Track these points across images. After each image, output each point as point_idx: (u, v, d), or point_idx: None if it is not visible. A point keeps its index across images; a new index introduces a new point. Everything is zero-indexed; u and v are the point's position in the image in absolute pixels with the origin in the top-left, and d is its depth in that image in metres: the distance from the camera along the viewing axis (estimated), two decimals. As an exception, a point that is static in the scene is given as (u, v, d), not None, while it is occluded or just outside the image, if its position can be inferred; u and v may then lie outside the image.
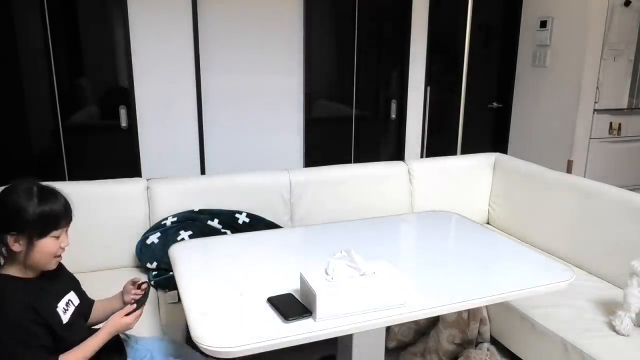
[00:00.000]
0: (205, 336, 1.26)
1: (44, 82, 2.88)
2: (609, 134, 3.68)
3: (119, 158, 3.11)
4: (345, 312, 1.34)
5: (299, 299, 1.41)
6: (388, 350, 2.11)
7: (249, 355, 1.25)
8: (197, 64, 3.12)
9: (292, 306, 1.37)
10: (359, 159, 3.68)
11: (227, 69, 3.21)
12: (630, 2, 3.46)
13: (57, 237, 1.35)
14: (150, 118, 3.10)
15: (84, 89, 3.02)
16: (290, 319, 1.32)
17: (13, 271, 1.33)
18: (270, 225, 2.39)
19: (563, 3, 3.55)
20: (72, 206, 1.42)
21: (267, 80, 3.33)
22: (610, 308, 1.92)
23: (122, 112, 3.05)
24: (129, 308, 1.43)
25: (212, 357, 1.28)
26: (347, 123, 3.64)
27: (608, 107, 3.62)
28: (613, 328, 1.81)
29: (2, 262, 1.34)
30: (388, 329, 2.24)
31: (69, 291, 1.44)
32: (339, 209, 2.57)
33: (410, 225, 2.24)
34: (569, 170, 3.57)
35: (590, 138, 3.63)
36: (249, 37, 3.22)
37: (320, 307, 1.31)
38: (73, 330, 1.38)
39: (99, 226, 2.18)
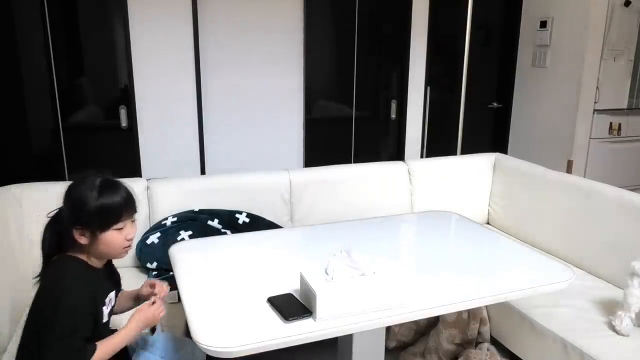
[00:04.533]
0: (205, 336, 1.26)
1: (44, 82, 2.88)
2: (609, 134, 3.69)
3: (119, 158, 3.11)
4: (345, 312, 1.34)
5: (299, 299, 1.41)
6: (388, 350, 2.10)
7: (249, 355, 1.25)
8: (197, 64, 3.12)
9: (292, 306, 1.37)
10: (359, 159, 3.68)
11: (227, 69, 3.21)
12: (630, 2, 3.46)
13: (121, 229, 1.35)
14: (150, 118, 3.10)
15: (84, 89, 3.02)
16: (290, 319, 1.32)
17: (82, 257, 1.36)
18: (270, 225, 2.39)
19: (563, 3, 3.55)
20: (136, 199, 1.40)
21: (267, 80, 3.33)
22: (610, 308, 1.92)
23: (122, 112, 3.05)
24: (154, 299, 1.46)
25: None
26: (347, 123, 3.64)
27: (608, 107, 3.62)
28: (613, 328, 1.81)
29: (70, 244, 1.36)
30: (388, 329, 2.24)
31: (112, 290, 1.45)
32: (339, 209, 2.57)
33: (410, 225, 2.24)
34: (569, 170, 3.57)
35: (590, 138, 3.63)
36: (249, 37, 3.22)
37: (320, 307, 1.31)
38: (107, 329, 1.42)
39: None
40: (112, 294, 1.44)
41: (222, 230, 2.26)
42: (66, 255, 1.35)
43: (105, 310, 1.39)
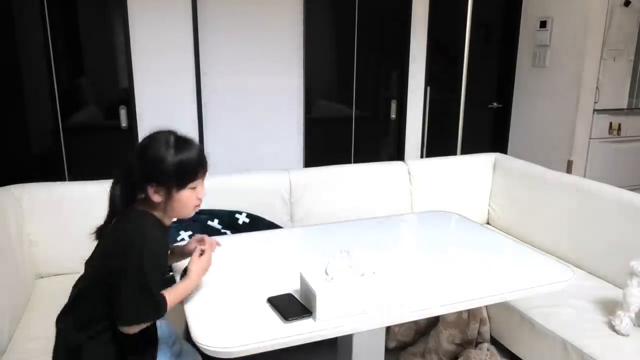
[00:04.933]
0: (205, 336, 1.26)
1: (44, 82, 2.87)
2: (609, 134, 3.68)
3: (119, 158, 3.10)
4: (345, 312, 1.34)
5: (299, 299, 1.41)
6: (388, 350, 2.10)
7: (249, 355, 1.25)
8: (197, 64, 3.12)
9: (292, 306, 1.37)
10: (359, 159, 3.68)
11: (227, 69, 3.21)
12: (630, 2, 3.46)
13: (194, 188, 1.35)
14: (150, 118, 3.09)
15: (84, 89, 3.02)
16: (290, 319, 1.32)
17: (155, 213, 1.36)
18: (270, 225, 2.39)
19: (563, 3, 3.55)
20: (206, 157, 1.39)
21: (267, 80, 3.33)
22: (610, 308, 1.92)
23: (122, 112, 3.05)
24: (203, 248, 1.48)
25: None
26: (347, 123, 3.64)
27: (608, 107, 3.62)
28: (613, 328, 1.81)
29: (141, 197, 1.36)
30: (388, 329, 2.24)
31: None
32: (339, 209, 2.57)
33: (410, 225, 2.24)
34: (569, 170, 3.57)
35: (590, 138, 3.63)
36: (249, 37, 3.22)
37: (320, 307, 1.31)
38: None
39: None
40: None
41: (222, 231, 2.26)
42: (140, 209, 1.34)
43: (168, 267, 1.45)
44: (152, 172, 1.30)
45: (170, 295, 1.34)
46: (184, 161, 1.30)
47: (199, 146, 1.36)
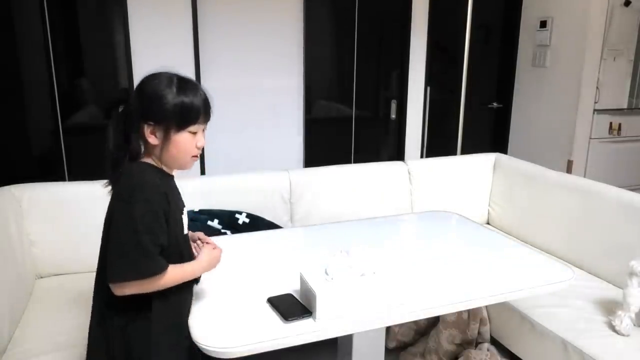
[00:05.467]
0: (205, 336, 1.26)
1: (44, 83, 2.87)
2: (609, 134, 3.68)
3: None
4: (345, 312, 1.34)
5: (299, 299, 1.41)
6: (388, 350, 2.10)
7: (249, 355, 1.25)
8: (197, 64, 3.12)
9: (292, 306, 1.37)
10: (359, 159, 3.68)
11: (227, 69, 3.21)
12: (630, 2, 3.46)
13: (194, 134, 1.26)
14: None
15: (83, 89, 3.02)
16: (290, 319, 1.32)
17: (151, 161, 1.29)
18: (270, 225, 2.39)
19: (563, 3, 3.55)
20: (211, 103, 1.30)
21: (267, 80, 3.33)
22: (610, 308, 1.92)
23: (122, 112, 3.04)
24: (213, 244, 1.42)
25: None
26: (347, 123, 3.64)
27: (608, 107, 3.62)
28: (613, 328, 1.81)
29: (142, 151, 1.28)
30: (388, 329, 2.24)
31: (184, 207, 1.37)
32: (339, 209, 2.57)
33: (410, 225, 2.24)
34: (569, 170, 3.57)
35: (590, 138, 3.63)
36: (249, 37, 3.22)
37: (320, 307, 1.31)
38: (187, 246, 1.36)
39: (99, 226, 2.16)
40: (185, 210, 1.36)
41: (222, 231, 2.26)
42: (139, 161, 1.27)
43: (185, 219, 1.33)
44: (150, 109, 1.22)
45: (174, 270, 1.24)
46: (185, 102, 1.22)
47: (205, 92, 1.28)
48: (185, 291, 1.35)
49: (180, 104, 1.22)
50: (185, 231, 1.35)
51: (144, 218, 1.18)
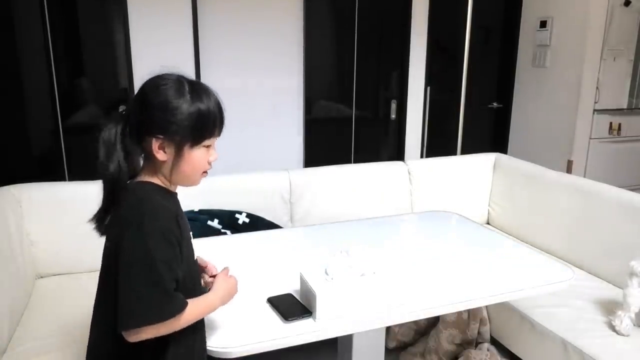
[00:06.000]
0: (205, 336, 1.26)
1: (44, 83, 2.87)
2: (609, 134, 3.68)
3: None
4: (345, 312, 1.34)
5: (299, 299, 1.41)
6: (388, 350, 2.11)
7: (249, 355, 1.25)
8: (197, 64, 3.12)
9: (292, 306, 1.37)
10: (359, 159, 3.68)
11: (228, 69, 3.21)
12: (630, 2, 3.46)
13: (208, 147, 1.11)
14: (150, 118, 3.09)
15: (83, 90, 3.02)
16: (290, 319, 1.32)
17: (155, 180, 1.09)
18: (270, 225, 2.39)
19: (563, 3, 3.55)
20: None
21: (267, 80, 3.33)
22: (610, 308, 1.92)
23: (122, 112, 3.04)
24: (226, 270, 1.25)
25: None
26: (347, 123, 3.64)
27: (608, 107, 3.62)
28: (613, 328, 1.81)
29: (140, 167, 1.11)
30: (388, 329, 2.24)
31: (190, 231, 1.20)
32: (339, 209, 2.57)
33: (410, 225, 2.24)
34: (569, 170, 3.57)
35: (590, 138, 3.63)
36: (249, 37, 3.22)
37: (320, 307, 1.31)
38: (198, 273, 1.20)
39: (99, 226, 2.18)
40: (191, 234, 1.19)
41: (222, 231, 2.26)
42: (140, 180, 1.09)
43: (194, 246, 1.16)
44: (159, 121, 1.03)
45: (193, 304, 1.07)
46: (202, 111, 1.05)
47: (216, 95, 1.13)
48: (200, 327, 1.19)
49: (197, 113, 1.05)
50: (196, 256, 1.22)
51: (159, 250, 1.01)
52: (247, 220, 2.34)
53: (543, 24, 3.68)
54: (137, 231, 1.00)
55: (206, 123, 1.08)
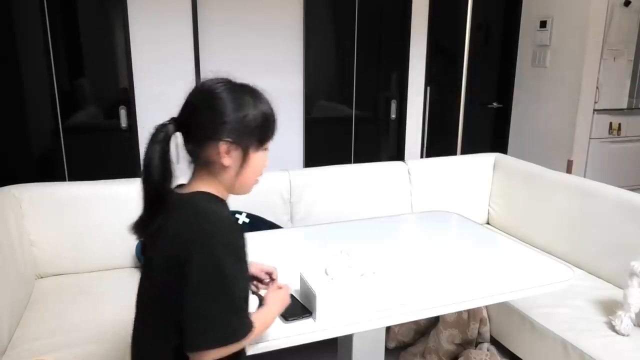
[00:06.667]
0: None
1: (44, 82, 2.87)
2: (609, 134, 3.68)
3: (119, 158, 3.11)
4: (345, 312, 1.34)
5: (299, 299, 1.41)
6: (388, 350, 2.10)
7: (249, 355, 1.25)
8: (197, 64, 3.12)
9: (292, 306, 1.37)
10: (359, 159, 3.68)
11: (227, 70, 3.19)
12: (630, 2, 3.46)
13: (266, 151, 1.08)
14: (150, 118, 3.08)
15: (84, 89, 3.02)
16: (290, 319, 1.32)
17: (211, 190, 1.03)
18: (270, 225, 2.39)
19: (563, 3, 3.55)
20: None
21: (267, 80, 3.29)
22: (610, 308, 1.92)
23: (122, 112, 3.04)
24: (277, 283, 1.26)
25: None
26: (347, 123, 3.64)
27: (608, 107, 3.62)
28: (613, 328, 1.81)
29: (191, 176, 1.06)
30: (388, 329, 2.24)
31: None
32: (339, 209, 2.57)
33: (410, 225, 2.24)
34: (569, 170, 3.57)
35: (590, 138, 3.63)
36: (249, 37, 3.22)
37: (320, 307, 1.31)
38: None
39: (99, 226, 2.18)
40: None
41: (222, 231, 2.26)
42: (196, 191, 1.03)
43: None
44: (229, 124, 0.99)
45: (257, 321, 1.02)
46: (265, 112, 1.04)
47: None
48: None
49: (261, 115, 1.03)
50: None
51: (230, 267, 0.95)
52: (247, 220, 2.34)
53: (543, 24, 3.68)
54: (205, 247, 0.94)
55: (269, 124, 1.06)
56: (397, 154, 3.84)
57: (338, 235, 2.01)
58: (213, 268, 0.93)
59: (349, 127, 3.65)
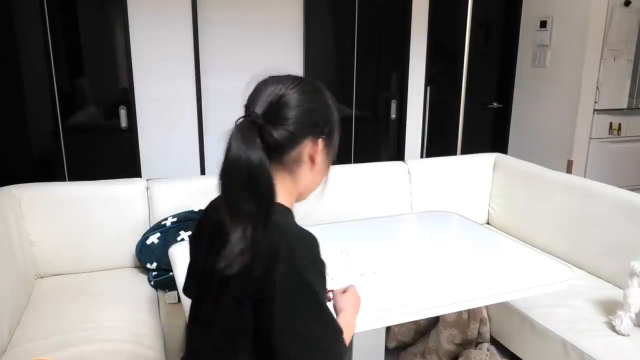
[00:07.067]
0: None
1: (44, 83, 2.87)
2: (609, 134, 3.68)
3: (119, 158, 3.11)
4: (345, 312, 1.34)
5: (299, 299, 1.41)
6: (388, 350, 2.10)
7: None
8: (197, 64, 3.12)
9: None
10: (359, 159, 3.68)
11: (227, 69, 3.21)
12: (630, 2, 3.46)
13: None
14: (150, 118, 3.09)
15: (84, 89, 3.02)
16: (290, 319, 1.31)
17: (281, 199, 0.94)
18: (270, 225, 2.38)
19: (563, 3, 3.55)
20: None
21: (267, 80, 3.32)
22: (610, 308, 1.92)
23: (122, 112, 3.05)
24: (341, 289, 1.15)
25: None
26: (347, 123, 3.64)
27: (608, 107, 3.62)
28: (613, 328, 1.81)
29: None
30: (388, 329, 2.24)
31: None
32: (339, 209, 2.56)
33: (410, 225, 2.24)
34: (569, 170, 3.57)
35: (590, 138, 3.63)
36: (249, 37, 3.22)
37: (320, 307, 1.31)
38: None
39: (99, 226, 2.18)
40: None
41: (222, 231, 2.25)
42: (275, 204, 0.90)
43: None
44: (322, 119, 0.93)
45: (346, 336, 0.94)
46: (337, 108, 0.99)
47: None
48: None
49: (336, 111, 0.97)
50: None
51: (318, 284, 0.86)
52: (247, 220, 2.33)
53: (543, 24, 3.68)
54: (290, 264, 0.82)
55: (339, 121, 0.99)
56: (397, 154, 3.84)
57: (338, 235, 2.01)
58: (303, 289, 0.83)
59: (349, 127, 3.65)
